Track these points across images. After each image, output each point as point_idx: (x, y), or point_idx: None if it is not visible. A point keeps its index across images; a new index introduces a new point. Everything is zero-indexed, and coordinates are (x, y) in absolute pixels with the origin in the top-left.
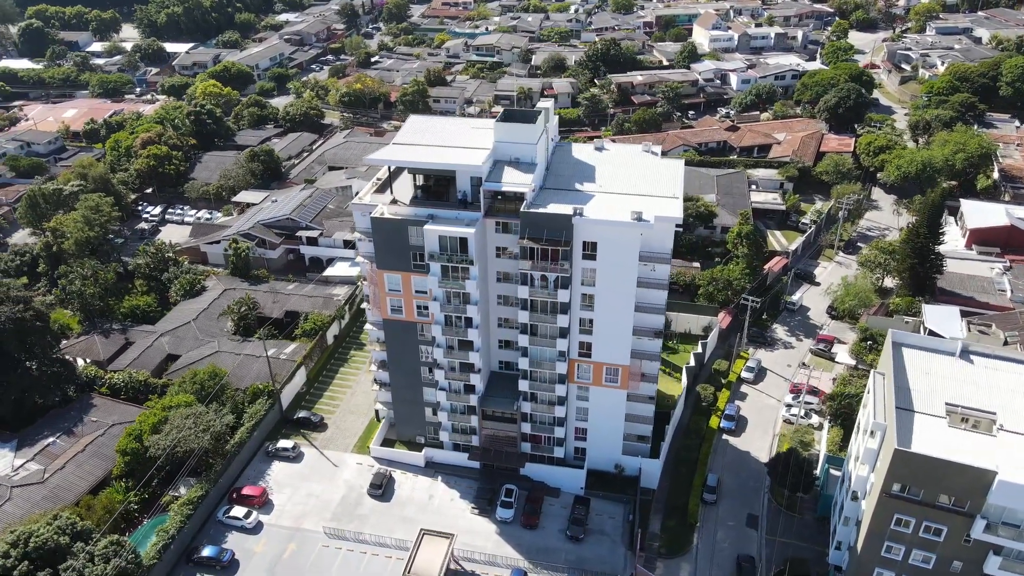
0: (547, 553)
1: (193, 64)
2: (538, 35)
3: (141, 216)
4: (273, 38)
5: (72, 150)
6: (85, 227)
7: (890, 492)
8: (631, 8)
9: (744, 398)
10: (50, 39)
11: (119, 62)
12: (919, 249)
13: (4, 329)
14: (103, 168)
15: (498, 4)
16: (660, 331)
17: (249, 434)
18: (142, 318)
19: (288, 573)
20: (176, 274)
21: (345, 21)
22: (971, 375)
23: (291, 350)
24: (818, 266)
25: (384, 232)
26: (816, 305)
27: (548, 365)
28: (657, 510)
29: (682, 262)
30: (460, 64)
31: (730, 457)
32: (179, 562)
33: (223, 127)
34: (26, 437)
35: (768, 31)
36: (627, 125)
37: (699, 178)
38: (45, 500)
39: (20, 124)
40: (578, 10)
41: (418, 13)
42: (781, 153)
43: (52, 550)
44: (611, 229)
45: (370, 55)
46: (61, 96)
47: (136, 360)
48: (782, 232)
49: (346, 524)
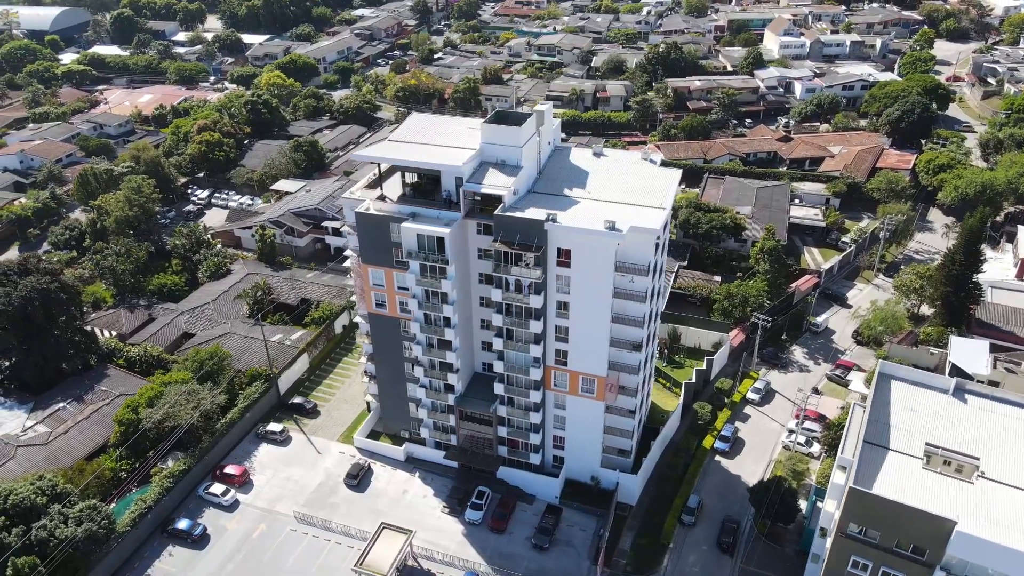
0: (509, 559)
1: (265, 55)
2: (604, 36)
3: (189, 199)
4: (345, 32)
5: (141, 133)
6: (126, 206)
7: (846, 532)
8: (705, 11)
9: (746, 420)
10: (139, 28)
11: (198, 51)
12: (954, 276)
13: (30, 299)
14: (156, 152)
15: (570, 4)
16: (639, 344)
17: (241, 415)
18: (168, 296)
19: (252, 552)
20: (206, 256)
21: (417, 17)
22: (962, 415)
23: (296, 336)
24: (853, 288)
25: (368, 227)
26: (842, 328)
27: (523, 370)
28: (632, 527)
29: (702, 275)
30: (521, 63)
31: (719, 479)
32: (155, 532)
33: (278, 117)
34: (42, 401)
35: (843, 38)
36: (674, 131)
37: (739, 189)
38: (46, 460)
39: (99, 107)
40: (650, 12)
41: (491, 11)
42: (833, 167)
43: (28, 508)
44: (584, 237)
45: (433, 51)
46: (144, 82)
47: (153, 336)
48: (819, 250)
49: (317, 511)
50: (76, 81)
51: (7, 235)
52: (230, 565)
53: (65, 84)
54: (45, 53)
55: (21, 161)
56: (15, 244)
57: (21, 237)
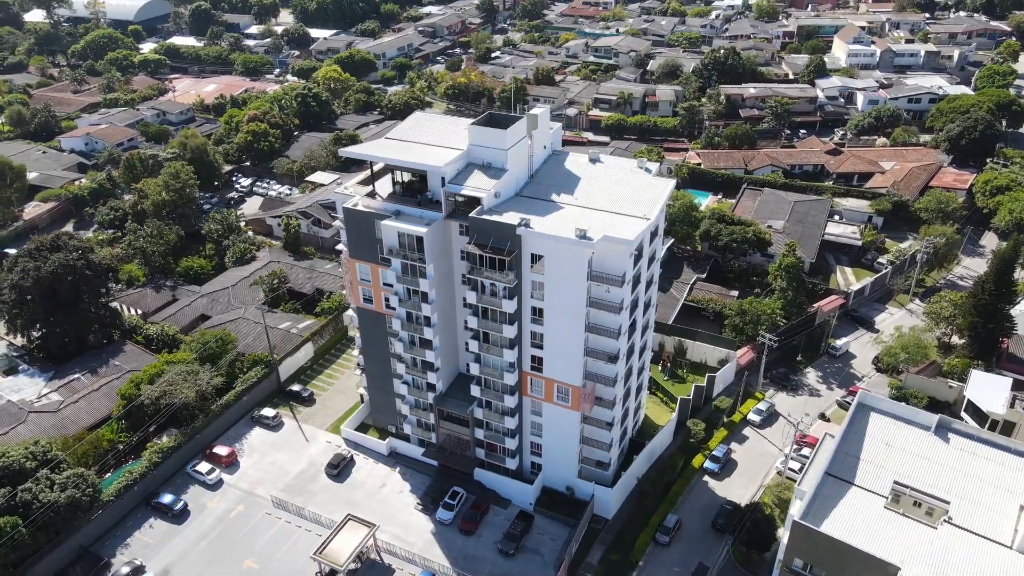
0: (473, 561)
1: (328, 50)
2: (666, 40)
3: (233, 186)
4: (409, 29)
5: (200, 121)
6: (163, 190)
7: (791, 567)
8: (776, 16)
9: (744, 441)
10: (215, 20)
11: (266, 44)
12: (983, 307)
13: (57, 274)
14: (202, 139)
15: (638, 6)
16: (615, 356)
17: (237, 398)
18: (194, 278)
19: (226, 531)
20: (233, 241)
21: (483, 16)
22: (941, 455)
23: (304, 326)
24: (884, 311)
25: (355, 222)
26: (864, 354)
27: (499, 374)
28: (604, 540)
29: (719, 289)
30: (576, 64)
31: (703, 500)
32: (140, 504)
33: (327, 110)
34: (61, 371)
35: (918, 48)
36: (717, 139)
37: (775, 202)
38: (53, 427)
39: (167, 95)
40: (718, 16)
41: (557, 12)
42: (882, 183)
43: (17, 471)
44: (556, 244)
45: (490, 50)
46: (213, 72)
47: (172, 316)
48: (853, 270)
49: (294, 497)
50: (151, 70)
51: (64, 212)
52: (203, 542)
53: (141, 72)
54: (127, 42)
55: (86, 143)
56: (71, 221)
57: (77, 215)
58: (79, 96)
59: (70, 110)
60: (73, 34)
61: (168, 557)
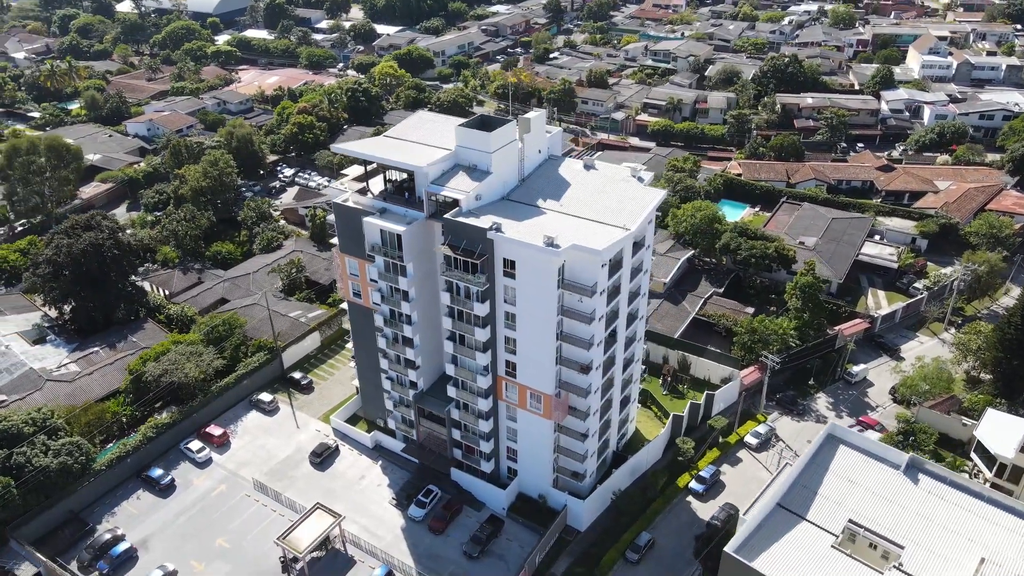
0: (436, 561)
1: (389, 46)
2: (731, 45)
3: (277, 175)
4: (473, 28)
5: (258, 111)
6: (201, 177)
7: None
8: (852, 23)
9: (736, 464)
10: (287, 14)
11: (333, 39)
12: (1009, 341)
13: (86, 252)
14: (249, 129)
15: (708, 10)
16: (587, 366)
17: (236, 381)
18: (221, 263)
19: (205, 509)
20: (263, 229)
21: (549, 16)
22: (907, 496)
23: (314, 315)
24: (914, 339)
25: (343, 218)
26: (884, 382)
27: (472, 377)
28: (573, 552)
29: (735, 304)
30: (634, 67)
31: (682, 521)
32: (132, 476)
33: (375, 105)
34: (85, 343)
35: (999, 61)
36: (762, 150)
37: (812, 217)
38: (66, 396)
39: (232, 85)
40: (791, 21)
41: (627, 13)
42: (933, 203)
43: (15, 435)
44: (525, 250)
45: (548, 51)
46: (281, 64)
47: (194, 298)
48: (886, 293)
49: (275, 482)
50: (222, 61)
51: (120, 194)
52: (183, 517)
53: (212, 63)
54: (204, 34)
55: (148, 129)
56: (125, 202)
57: (131, 197)
58: (152, 84)
59: (141, 96)
60: (157, 25)
61: (149, 529)
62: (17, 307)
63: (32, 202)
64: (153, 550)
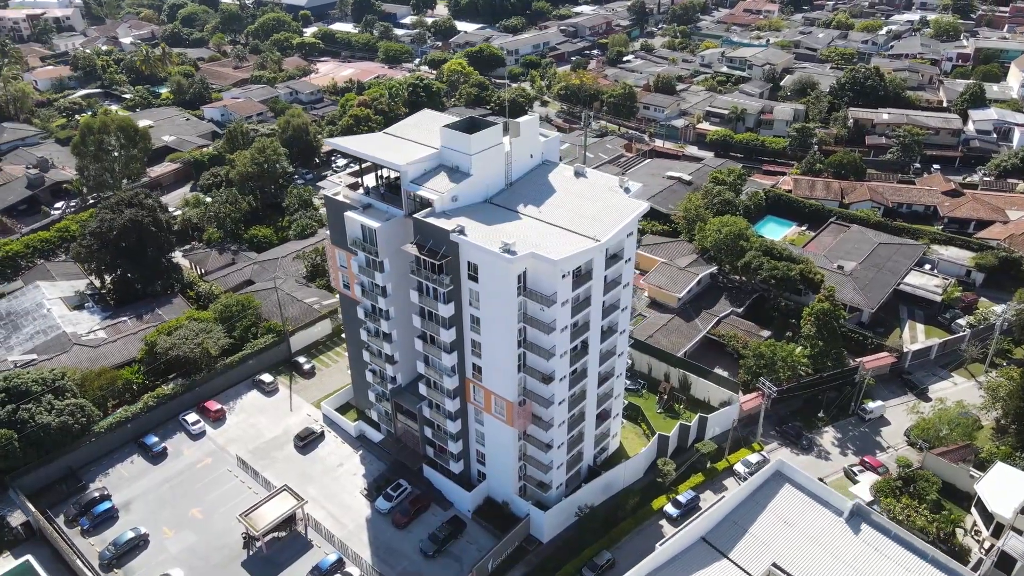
0: (392, 554)
1: (465, 43)
2: (818, 55)
3: (331, 165)
4: (552, 27)
5: (327, 102)
6: (249, 163)
7: None
8: (957, 35)
9: (720, 492)
10: (373, 8)
11: (413, 35)
12: None
13: (125, 227)
14: (304, 118)
15: (801, 16)
16: (549, 376)
17: (241, 360)
18: (256, 246)
19: (188, 479)
20: (302, 216)
21: (632, 18)
22: (843, 545)
23: (329, 302)
24: (948, 380)
25: (332, 210)
26: (901, 422)
27: (440, 376)
28: (530, 563)
29: (751, 326)
30: (708, 74)
31: (650, 544)
32: (130, 441)
33: (436, 101)
34: (117, 313)
35: None
36: (819, 166)
37: (857, 240)
38: (88, 360)
39: (309, 76)
40: (888, 31)
41: (716, 18)
42: (998, 235)
43: (23, 392)
44: (484, 255)
45: (622, 53)
46: (362, 58)
47: (224, 277)
48: (926, 327)
49: (256, 460)
50: (306, 52)
51: (185, 174)
52: (166, 485)
53: (296, 54)
54: (293, 26)
55: (222, 114)
56: (189, 183)
57: (195, 177)
58: (237, 72)
59: (224, 83)
60: (254, 16)
61: (135, 492)
62: (68, 274)
63: (102, 178)
64: (133, 512)
